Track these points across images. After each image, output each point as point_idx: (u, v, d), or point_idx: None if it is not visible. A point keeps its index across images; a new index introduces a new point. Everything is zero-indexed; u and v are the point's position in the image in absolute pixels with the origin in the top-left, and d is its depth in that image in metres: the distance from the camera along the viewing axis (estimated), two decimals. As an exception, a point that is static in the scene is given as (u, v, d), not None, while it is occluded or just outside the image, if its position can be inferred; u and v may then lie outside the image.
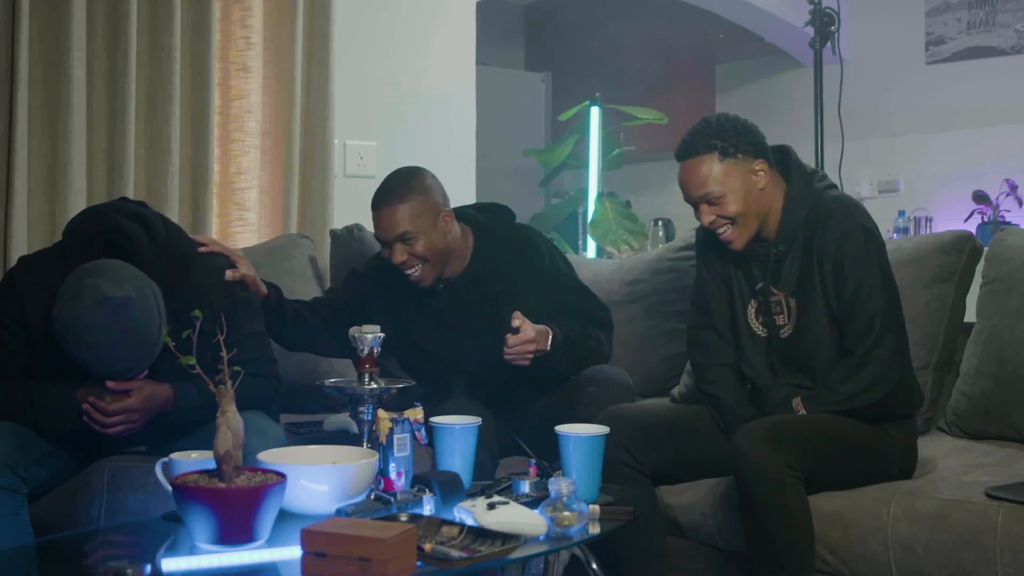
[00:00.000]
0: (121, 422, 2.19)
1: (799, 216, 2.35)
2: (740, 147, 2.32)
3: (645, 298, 3.19)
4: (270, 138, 3.47)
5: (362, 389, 2.09)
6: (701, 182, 2.33)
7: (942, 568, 2.06)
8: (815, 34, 3.73)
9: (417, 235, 2.57)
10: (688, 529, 2.42)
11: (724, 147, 2.32)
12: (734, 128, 2.34)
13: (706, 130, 2.34)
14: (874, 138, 5.49)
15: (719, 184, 2.31)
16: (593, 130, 4.67)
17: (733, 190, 2.31)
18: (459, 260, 2.69)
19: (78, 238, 2.29)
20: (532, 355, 2.51)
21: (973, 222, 5.19)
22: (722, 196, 2.32)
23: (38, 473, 2.23)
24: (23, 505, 2.18)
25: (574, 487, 1.88)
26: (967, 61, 5.55)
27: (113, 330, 2.08)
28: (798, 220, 2.35)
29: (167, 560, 1.71)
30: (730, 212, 2.33)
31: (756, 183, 2.34)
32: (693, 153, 2.34)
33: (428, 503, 1.94)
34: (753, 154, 2.34)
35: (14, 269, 2.36)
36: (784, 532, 2.11)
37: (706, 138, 2.33)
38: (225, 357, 1.78)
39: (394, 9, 3.83)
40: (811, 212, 2.35)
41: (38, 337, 2.23)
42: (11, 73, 2.91)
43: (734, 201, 2.32)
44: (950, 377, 2.78)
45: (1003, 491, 2.09)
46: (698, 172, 2.33)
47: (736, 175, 2.32)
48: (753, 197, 2.33)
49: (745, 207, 2.33)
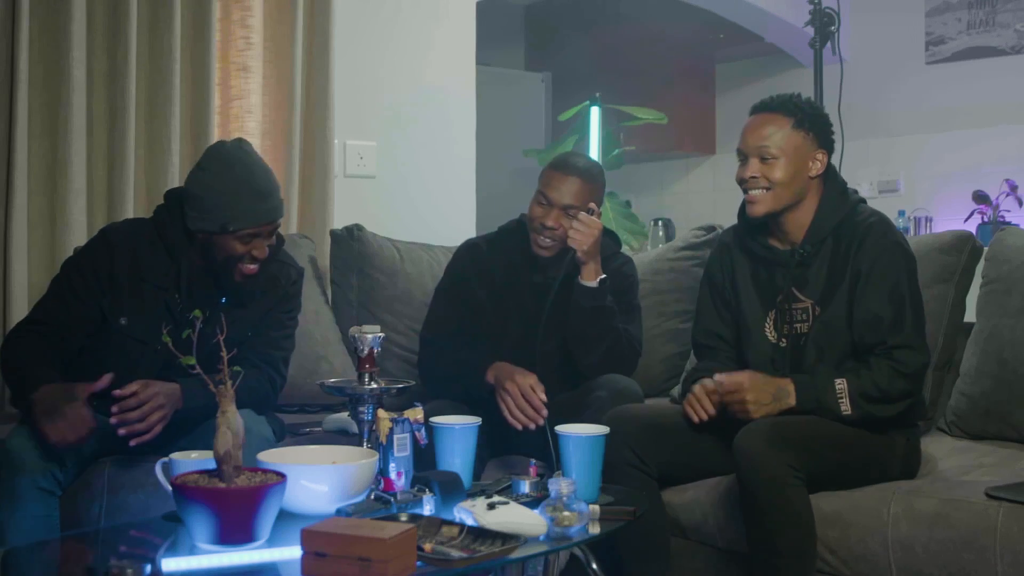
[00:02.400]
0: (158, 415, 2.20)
1: (831, 222, 2.37)
2: (815, 129, 2.38)
3: (645, 298, 3.18)
4: (270, 138, 3.47)
5: (362, 389, 2.09)
6: (765, 136, 2.37)
7: (942, 568, 2.06)
8: (815, 34, 3.73)
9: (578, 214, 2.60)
10: (689, 528, 2.42)
11: (801, 118, 2.37)
12: (818, 114, 2.42)
13: (794, 99, 2.42)
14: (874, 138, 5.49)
15: (779, 147, 2.36)
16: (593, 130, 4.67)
17: (789, 158, 2.35)
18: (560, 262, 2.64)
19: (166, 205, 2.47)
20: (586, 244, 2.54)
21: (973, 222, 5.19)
22: (775, 159, 2.35)
23: (70, 474, 2.24)
24: (55, 508, 2.19)
25: (574, 487, 1.88)
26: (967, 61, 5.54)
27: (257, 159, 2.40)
28: (829, 226, 2.37)
29: (167, 560, 1.70)
30: (775, 177, 2.36)
31: (810, 168, 2.38)
32: (773, 108, 2.40)
33: (428, 503, 1.94)
34: (820, 143, 2.39)
35: (105, 228, 2.51)
36: (786, 532, 2.11)
37: (791, 104, 2.39)
38: (225, 357, 1.78)
39: (394, 9, 3.83)
40: (844, 221, 2.37)
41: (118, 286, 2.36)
42: (11, 73, 2.91)
43: (783, 169, 2.36)
44: (950, 377, 2.78)
45: (1003, 491, 2.09)
46: (768, 126, 2.38)
47: (798, 149, 2.36)
48: (800, 177, 2.37)
49: (790, 180, 2.36)
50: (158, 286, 2.39)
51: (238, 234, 2.34)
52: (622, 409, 2.42)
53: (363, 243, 3.29)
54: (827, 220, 2.38)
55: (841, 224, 2.37)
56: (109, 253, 2.39)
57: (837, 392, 2.26)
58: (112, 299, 2.37)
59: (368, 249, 3.29)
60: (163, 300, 2.38)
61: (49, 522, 2.16)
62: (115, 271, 2.38)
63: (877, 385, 2.26)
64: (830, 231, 2.37)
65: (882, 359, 2.28)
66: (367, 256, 3.28)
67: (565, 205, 2.61)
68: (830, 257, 2.36)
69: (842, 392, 2.26)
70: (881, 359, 2.28)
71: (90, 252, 2.43)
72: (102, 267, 2.38)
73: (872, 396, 2.26)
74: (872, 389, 2.26)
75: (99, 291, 2.37)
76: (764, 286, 2.44)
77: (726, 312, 2.51)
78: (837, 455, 2.24)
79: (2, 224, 2.93)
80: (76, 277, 2.39)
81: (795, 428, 2.21)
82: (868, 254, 2.33)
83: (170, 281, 2.39)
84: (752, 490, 2.13)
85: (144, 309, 2.37)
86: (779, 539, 2.11)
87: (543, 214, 2.63)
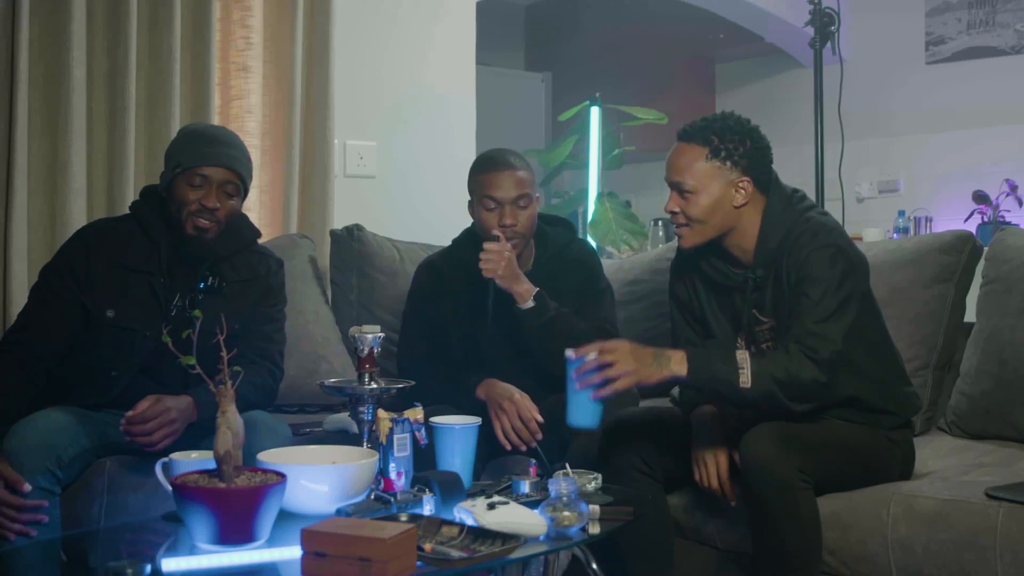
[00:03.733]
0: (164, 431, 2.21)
1: (775, 240, 2.27)
2: (732, 156, 2.26)
3: (645, 298, 3.20)
4: (270, 138, 3.47)
5: (362, 389, 2.09)
6: (681, 169, 2.28)
7: (942, 568, 2.06)
8: (815, 34, 3.73)
9: (529, 202, 2.62)
10: (688, 529, 2.42)
11: (716, 148, 2.26)
12: (738, 135, 2.27)
13: (712, 124, 2.28)
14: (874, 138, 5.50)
15: (695, 180, 2.26)
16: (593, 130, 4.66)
17: (707, 192, 2.26)
18: (523, 262, 2.68)
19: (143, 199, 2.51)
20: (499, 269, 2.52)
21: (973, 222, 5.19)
22: (692, 193, 2.26)
23: (71, 472, 2.25)
24: (56, 506, 2.19)
25: (575, 487, 1.88)
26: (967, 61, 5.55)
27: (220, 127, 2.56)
28: (773, 244, 2.27)
29: (167, 560, 1.70)
30: (692, 213, 2.27)
31: (733, 198, 2.27)
32: (688, 138, 2.30)
33: (428, 503, 1.94)
34: (743, 169, 2.26)
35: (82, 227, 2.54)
36: (793, 536, 2.10)
37: (707, 131, 2.27)
38: (225, 357, 1.78)
39: (394, 9, 3.83)
40: (787, 235, 2.26)
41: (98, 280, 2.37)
42: (11, 73, 2.91)
43: (701, 204, 2.26)
44: (950, 377, 2.78)
45: (1003, 491, 2.09)
46: (683, 156, 2.29)
47: (716, 180, 2.26)
48: (721, 209, 2.26)
49: (709, 215, 2.26)
50: (141, 271, 2.40)
51: (188, 176, 2.37)
52: (627, 414, 2.41)
53: (363, 243, 3.29)
54: (771, 237, 2.27)
55: (785, 237, 2.26)
56: (85, 250, 2.41)
57: (738, 363, 2.11)
58: (93, 296, 2.37)
59: (368, 249, 3.29)
60: (147, 284, 2.39)
61: (50, 521, 2.16)
62: (92, 266, 2.39)
63: (785, 367, 2.12)
64: (776, 246, 2.27)
65: (793, 343, 2.16)
66: (367, 256, 3.28)
67: (514, 199, 2.60)
68: (776, 273, 2.27)
69: (743, 363, 2.12)
70: (792, 344, 2.16)
71: (65, 252, 2.45)
72: (79, 264, 2.39)
73: (778, 377, 2.12)
74: (778, 370, 2.12)
75: (77, 289, 2.38)
76: (727, 310, 2.38)
77: (699, 327, 2.45)
78: (841, 458, 2.23)
79: (2, 224, 2.93)
80: (54, 278, 2.40)
81: (802, 432, 2.18)
82: (801, 256, 2.22)
83: (153, 264, 2.40)
84: (760, 493, 2.11)
85: (130, 298, 2.38)
86: (787, 543, 2.10)
87: (497, 216, 2.61)
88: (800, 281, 2.21)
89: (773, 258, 2.27)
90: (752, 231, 2.29)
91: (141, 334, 2.36)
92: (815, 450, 2.16)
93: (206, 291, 2.40)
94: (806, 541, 2.12)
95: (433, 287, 2.77)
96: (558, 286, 2.66)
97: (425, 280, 2.81)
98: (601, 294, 2.76)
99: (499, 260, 2.53)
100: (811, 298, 2.18)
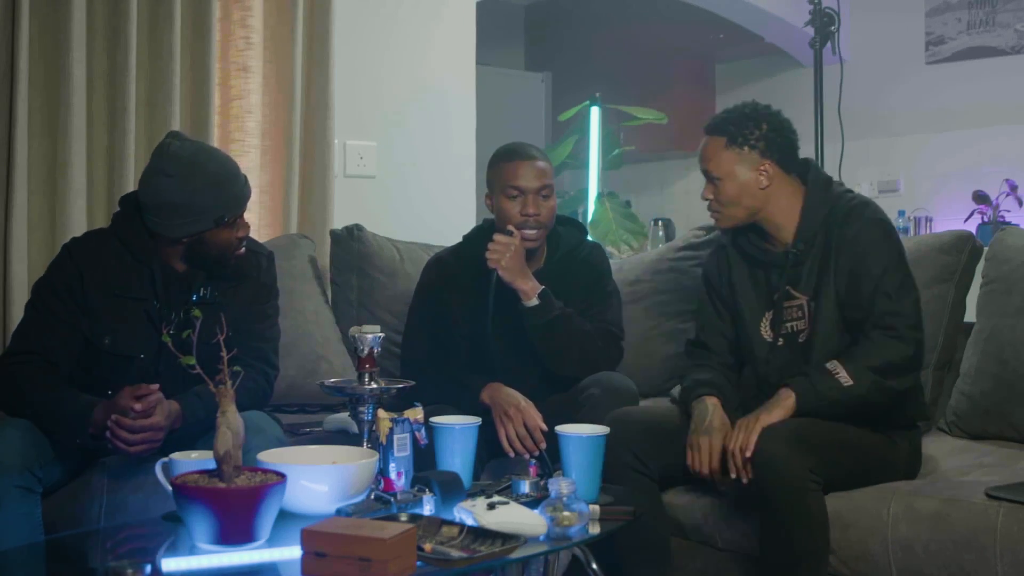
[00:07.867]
0: (145, 440, 2.20)
1: (818, 218, 2.37)
2: (749, 141, 2.37)
3: (645, 298, 3.19)
4: (270, 138, 3.47)
5: (362, 389, 2.09)
6: (707, 158, 2.43)
7: (942, 568, 2.06)
8: (815, 34, 3.73)
9: (551, 193, 2.66)
10: (688, 529, 2.42)
11: (733, 135, 2.38)
12: (753, 121, 2.39)
13: (729, 114, 2.43)
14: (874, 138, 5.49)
15: (719, 168, 2.39)
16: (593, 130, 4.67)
17: (732, 177, 2.38)
18: (535, 260, 2.70)
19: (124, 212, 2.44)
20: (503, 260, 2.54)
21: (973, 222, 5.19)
22: (720, 180, 2.39)
23: (53, 472, 2.24)
24: (37, 504, 2.18)
25: (574, 487, 1.88)
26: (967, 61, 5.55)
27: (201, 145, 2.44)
28: (816, 223, 2.37)
29: (167, 560, 1.71)
30: (722, 199, 2.40)
31: (758, 181, 2.37)
32: (710, 131, 2.44)
33: (428, 503, 1.94)
34: (762, 153, 2.37)
35: (68, 245, 2.45)
36: (803, 537, 2.11)
37: (725, 122, 2.41)
38: (225, 357, 1.78)
39: (394, 9, 3.83)
40: (830, 213, 2.37)
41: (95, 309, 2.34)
42: (11, 73, 2.91)
43: (727, 190, 2.39)
44: (950, 377, 2.78)
45: (1003, 491, 2.09)
46: (708, 148, 2.43)
47: (739, 165, 2.38)
48: (749, 192, 2.38)
49: (737, 198, 2.39)
50: (136, 298, 2.36)
51: (230, 222, 2.37)
52: (622, 412, 2.41)
53: (363, 243, 3.29)
54: (815, 216, 2.37)
55: (828, 215, 2.37)
56: (78, 272, 2.36)
57: (831, 370, 2.22)
58: (91, 322, 2.34)
59: (368, 249, 3.29)
60: (143, 311, 2.36)
61: (31, 520, 2.15)
62: (87, 291, 2.34)
63: (875, 354, 2.23)
64: (819, 226, 2.37)
65: (874, 329, 2.26)
66: (367, 256, 3.28)
67: (537, 188, 2.64)
68: (821, 250, 2.36)
69: (836, 368, 2.22)
70: (873, 329, 2.26)
71: (59, 273, 2.39)
72: (75, 287, 2.35)
73: (875, 364, 2.21)
74: (870, 359, 2.22)
75: (77, 313, 2.34)
76: (761, 286, 2.44)
77: (724, 311, 2.51)
78: (849, 459, 2.23)
79: (2, 224, 2.93)
80: (54, 301, 2.35)
81: (814, 432, 2.18)
82: (852, 231, 2.32)
83: (147, 290, 2.37)
84: (771, 494, 2.12)
85: (127, 324, 2.35)
86: (796, 544, 2.10)
87: (520, 205, 2.63)
88: (857, 257, 2.31)
89: (814, 233, 2.37)
90: (786, 210, 2.40)
91: (137, 358, 2.35)
92: (827, 450, 2.17)
93: (199, 303, 2.38)
94: (815, 542, 2.12)
95: (440, 282, 2.77)
96: (566, 286, 2.66)
97: (433, 275, 2.82)
98: (608, 296, 2.76)
99: (505, 251, 2.56)
100: (873, 274, 2.28)
